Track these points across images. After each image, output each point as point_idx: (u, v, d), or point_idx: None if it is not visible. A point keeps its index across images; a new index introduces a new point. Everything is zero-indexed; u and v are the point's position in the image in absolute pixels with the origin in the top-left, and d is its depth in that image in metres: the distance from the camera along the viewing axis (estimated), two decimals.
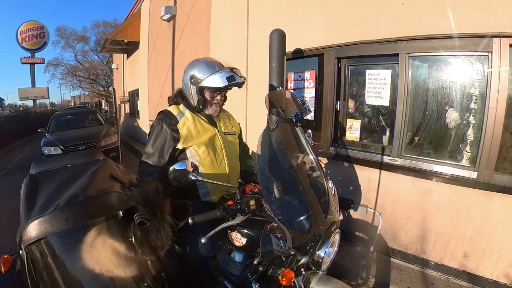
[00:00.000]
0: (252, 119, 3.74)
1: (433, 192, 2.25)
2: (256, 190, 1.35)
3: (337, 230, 1.23)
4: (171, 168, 1.26)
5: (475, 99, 2.08)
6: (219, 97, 1.59)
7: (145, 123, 8.66)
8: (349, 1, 2.61)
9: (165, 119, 1.53)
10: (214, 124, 1.63)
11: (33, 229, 0.94)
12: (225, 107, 1.75)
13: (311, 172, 1.36)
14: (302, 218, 1.15)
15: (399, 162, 2.42)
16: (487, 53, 1.94)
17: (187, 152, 1.54)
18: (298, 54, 3.08)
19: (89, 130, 6.97)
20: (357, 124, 2.76)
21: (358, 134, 2.76)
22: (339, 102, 2.83)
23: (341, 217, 2.64)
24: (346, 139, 2.83)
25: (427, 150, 2.36)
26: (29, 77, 22.51)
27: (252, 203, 1.20)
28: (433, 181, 2.23)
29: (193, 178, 1.25)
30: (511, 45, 1.85)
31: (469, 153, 2.13)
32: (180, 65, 5.94)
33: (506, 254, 1.97)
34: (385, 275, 2.26)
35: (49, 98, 24.97)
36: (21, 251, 1.16)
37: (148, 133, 1.63)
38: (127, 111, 11.68)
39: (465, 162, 2.15)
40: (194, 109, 1.60)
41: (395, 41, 2.32)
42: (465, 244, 2.13)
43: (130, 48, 9.79)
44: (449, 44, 2.06)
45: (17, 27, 21.82)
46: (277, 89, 2.46)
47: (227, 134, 1.68)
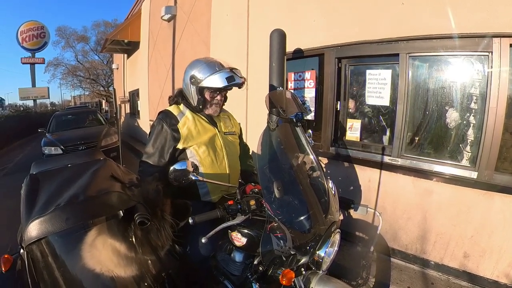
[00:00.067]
0: (252, 119, 3.74)
1: (434, 192, 2.24)
2: (256, 190, 1.35)
3: (337, 230, 1.23)
4: (172, 168, 1.26)
5: (475, 99, 2.08)
6: (219, 97, 1.59)
7: (145, 123, 8.66)
8: (349, 1, 2.61)
9: (166, 119, 1.53)
10: (214, 124, 1.63)
11: (34, 229, 0.94)
12: (225, 107, 1.75)
13: (311, 172, 1.36)
14: (302, 218, 1.15)
15: (400, 162, 2.42)
16: (487, 53, 1.94)
17: (188, 152, 1.54)
18: (298, 54, 3.08)
19: (90, 130, 6.97)
20: (358, 124, 2.76)
21: (358, 134, 2.76)
22: (339, 102, 2.83)
23: (341, 217, 2.64)
24: (346, 139, 2.83)
25: (428, 150, 2.36)
26: (30, 77, 22.58)
27: (252, 203, 1.20)
28: (433, 181, 2.23)
29: (194, 178, 1.25)
30: (511, 45, 1.85)
31: (470, 153, 2.13)
32: (180, 65, 5.94)
33: (506, 254, 1.97)
34: (385, 275, 2.26)
35: (49, 98, 25.06)
36: (22, 250, 1.17)
37: (148, 133, 1.63)
38: (128, 111, 11.68)
39: (465, 162, 2.15)
40: (194, 109, 1.60)
41: (396, 41, 2.32)
42: (465, 244, 2.13)
43: (130, 48, 9.80)
44: (450, 44, 2.06)
45: (17, 27, 21.89)
46: (278, 89, 2.46)
47: (227, 134, 1.68)
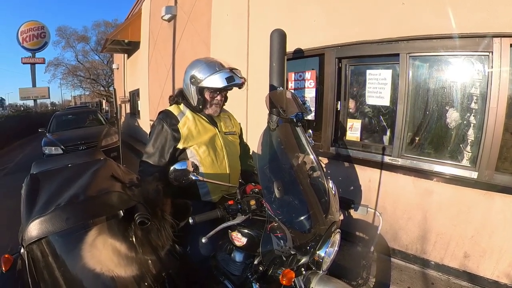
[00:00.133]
0: (252, 119, 3.74)
1: (434, 192, 2.24)
2: (256, 190, 1.35)
3: (338, 230, 1.23)
4: (172, 168, 1.26)
5: (475, 99, 2.07)
6: (219, 97, 1.59)
7: (145, 123, 8.66)
8: (349, 1, 2.61)
9: (166, 119, 1.53)
10: (214, 124, 1.63)
11: (34, 229, 0.94)
12: (226, 107, 1.75)
13: (311, 172, 1.36)
14: (302, 218, 1.15)
15: (400, 162, 2.42)
16: (487, 53, 1.94)
17: (188, 152, 1.54)
18: (298, 54, 3.08)
19: (90, 130, 6.98)
20: (358, 124, 2.76)
21: (358, 134, 2.76)
22: (339, 102, 2.83)
23: (342, 217, 2.64)
24: (346, 139, 2.83)
25: (428, 150, 2.36)
26: (30, 77, 22.57)
27: (252, 203, 1.20)
28: (433, 181, 2.23)
29: (194, 178, 1.25)
30: (511, 45, 1.85)
31: (470, 153, 2.13)
32: (180, 65, 5.94)
33: (506, 254, 1.96)
34: (386, 275, 2.26)
35: (49, 98, 25.07)
36: (22, 250, 1.17)
37: (148, 133, 1.63)
38: (128, 111, 11.69)
39: (465, 162, 2.15)
40: (194, 109, 1.60)
41: (396, 41, 2.32)
42: (466, 244, 2.13)
43: (130, 48, 9.81)
44: (450, 44, 2.06)
45: (17, 27, 21.87)
46: (278, 89, 2.46)
47: (227, 134, 1.67)
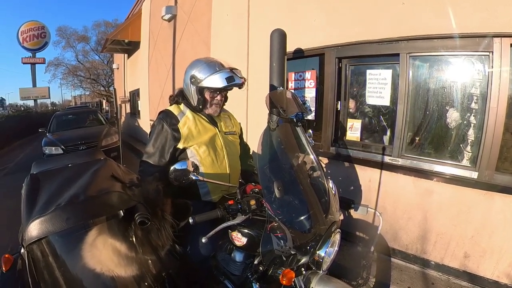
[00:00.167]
0: (252, 119, 3.74)
1: (434, 192, 2.24)
2: (256, 189, 1.35)
3: (338, 230, 1.23)
4: (172, 167, 1.26)
5: (476, 99, 2.07)
6: (219, 97, 1.59)
7: (145, 123, 8.67)
8: (349, 1, 2.61)
9: (166, 119, 1.53)
10: (214, 123, 1.63)
11: (34, 229, 0.94)
12: (226, 107, 1.75)
13: (311, 172, 1.36)
14: (302, 218, 1.15)
15: (400, 162, 2.42)
16: (488, 53, 1.94)
17: (188, 151, 1.54)
18: (298, 54, 3.08)
19: (90, 130, 6.98)
20: (358, 124, 2.76)
21: (358, 134, 2.76)
22: (339, 102, 2.83)
23: (342, 217, 2.64)
24: (346, 139, 2.83)
25: (428, 150, 2.36)
26: (30, 77, 22.56)
27: (252, 202, 1.20)
28: (433, 181, 2.23)
29: (194, 177, 1.25)
30: None
31: (470, 153, 2.12)
32: (180, 65, 5.94)
33: (506, 254, 1.96)
34: (386, 275, 2.26)
35: (50, 98, 25.06)
36: (22, 250, 1.17)
37: (149, 133, 1.63)
38: (128, 111, 11.69)
39: (465, 162, 2.15)
40: (194, 109, 1.60)
41: (396, 41, 2.32)
42: (466, 244, 2.12)
43: (130, 48, 9.81)
44: (450, 44, 2.06)
45: (17, 27, 21.86)
46: (278, 89, 2.46)
47: (227, 133, 1.67)
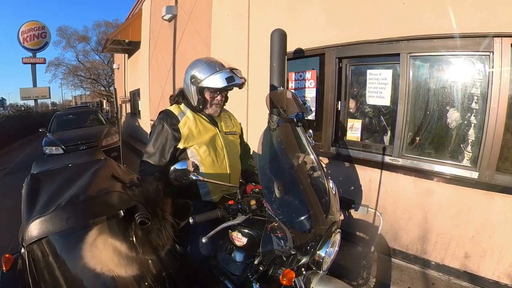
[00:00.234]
0: (253, 119, 3.74)
1: (434, 192, 2.24)
2: (257, 190, 1.35)
3: (338, 230, 1.23)
4: (172, 167, 1.26)
5: (476, 99, 2.07)
6: (219, 97, 1.59)
7: (146, 123, 8.67)
8: (350, 1, 2.61)
9: (166, 119, 1.53)
10: (215, 123, 1.63)
11: (35, 229, 0.94)
12: (226, 107, 1.75)
13: (312, 172, 1.36)
14: (303, 218, 1.14)
15: (400, 162, 2.41)
16: (488, 53, 1.94)
17: (188, 151, 1.54)
18: (299, 54, 3.08)
19: (90, 130, 6.98)
20: (358, 124, 2.76)
21: (359, 134, 2.76)
22: (340, 102, 2.83)
23: (342, 217, 2.63)
24: (347, 139, 2.83)
25: (428, 150, 2.36)
26: (31, 77, 22.57)
27: (253, 202, 1.20)
28: (434, 181, 2.23)
29: (194, 177, 1.25)
30: None
31: (470, 153, 2.12)
32: (181, 65, 5.94)
33: (507, 254, 1.96)
34: (386, 275, 2.26)
35: (50, 98, 25.09)
36: (23, 250, 1.17)
37: (149, 133, 1.63)
38: (128, 111, 11.70)
39: (466, 162, 2.15)
40: (195, 109, 1.60)
41: (396, 41, 2.32)
42: (466, 244, 2.12)
43: (131, 48, 9.81)
44: (450, 44, 2.06)
45: (18, 27, 21.88)
46: (278, 89, 2.46)
47: (228, 133, 1.67)
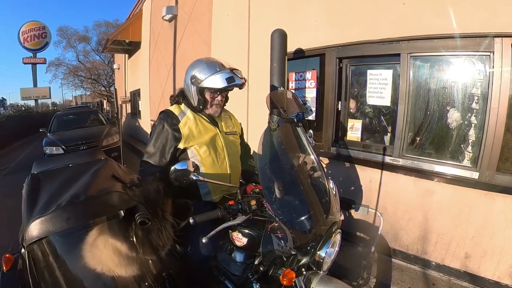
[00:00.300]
0: (253, 119, 3.74)
1: (435, 192, 2.24)
2: (257, 190, 1.35)
3: (338, 230, 1.23)
4: (172, 168, 1.26)
5: (476, 99, 2.07)
6: (219, 97, 1.59)
7: (146, 123, 8.67)
8: (350, 1, 2.61)
9: (167, 119, 1.53)
10: (215, 124, 1.63)
11: (35, 229, 0.94)
12: (227, 107, 1.75)
13: (312, 172, 1.36)
14: (303, 218, 1.14)
15: (401, 162, 2.41)
16: (489, 53, 1.94)
17: (188, 152, 1.54)
18: (299, 54, 3.08)
19: (91, 130, 6.98)
20: (358, 124, 2.76)
21: (359, 134, 2.75)
22: (340, 102, 2.82)
23: (342, 218, 2.63)
24: (347, 139, 2.83)
25: (429, 150, 2.36)
26: (31, 77, 22.57)
27: (253, 203, 1.20)
28: (434, 181, 2.23)
29: (194, 178, 1.25)
30: None
31: (471, 154, 2.12)
32: (181, 65, 5.94)
33: (507, 254, 1.96)
34: (386, 276, 2.26)
35: (50, 98, 25.14)
36: (23, 250, 1.17)
37: (149, 133, 1.63)
38: (129, 111, 11.70)
39: (466, 162, 2.14)
40: (195, 109, 1.60)
41: (397, 41, 2.32)
42: (467, 244, 2.12)
43: (131, 48, 9.81)
44: (451, 44, 2.06)
45: (18, 27, 21.88)
46: (279, 89, 2.46)
47: (228, 134, 1.67)
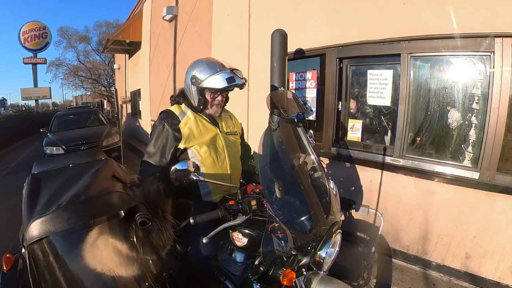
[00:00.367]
0: (253, 119, 3.74)
1: (435, 192, 2.24)
2: (257, 190, 1.35)
3: (339, 230, 1.23)
4: (173, 168, 1.26)
5: (477, 99, 2.07)
6: (220, 97, 1.59)
7: (146, 123, 8.67)
8: (350, 1, 2.61)
9: (167, 119, 1.53)
10: (216, 124, 1.63)
11: (35, 229, 0.94)
12: (227, 107, 1.75)
13: (312, 172, 1.36)
14: (303, 218, 1.14)
15: (401, 162, 2.41)
16: (489, 53, 1.93)
17: (189, 152, 1.54)
18: (299, 54, 3.08)
19: (91, 130, 6.98)
20: (359, 124, 2.75)
21: (359, 134, 2.75)
22: (340, 102, 2.82)
23: (343, 218, 2.62)
24: (347, 140, 2.83)
25: (429, 150, 2.35)
26: (32, 77, 22.63)
27: (253, 203, 1.20)
28: (435, 181, 2.23)
29: (195, 178, 1.25)
30: None
31: (471, 154, 2.12)
32: (181, 65, 5.95)
33: (508, 255, 1.96)
34: (387, 276, 2.26)
35: (51, 98, 25.23)
36: (23, 250, 1.17)
37: (150, 133, 1.63)
38: (129, 111, 11.71)
39: (467, 162, 2.14)
40: (195, 109, 1.60)
41: (397, 41, 2.32)
42: (467, 245, 2.12)
43: (132, 48, 9.82)
44: (451, 44, 2.05)
45: (18, 27, 21.97)
46: (279, 89, 2.46)
47: (228, 134, 1.67)
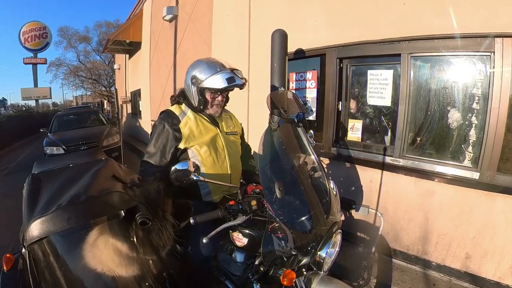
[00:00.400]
0: (253, 119, 3.74)
1: (435, 192, 2.24)
2: (257, 190, 1.35)
3: (339, 230, 1.23)
4: (173, 168, 1.26)
5: (477, 99, 2.07)
6: (220, 98, 1.59)
7: (147, 123, 8.67)
8: (350, 1, 2.61)
9: (167, 119, 1.53)
10: (216, 124, 1.63)
11: (35, 228, 0.94)
12: (227, 107, 1.75)
13: (312, 172, 1.36)
14: (303, 218, 1.14)
15: (401, 162, 2.41)
16: (489, 53, 1.93)
17: (189, 152, 1.54)
18: (299, 54, 3.08)
19: (91, 130, 6.99)
20: (359, 124, 2.75)
21: (359, 134, 2.75)
22: (340, 102, 2.82)
23: (343, 218, 2.63)
24: (347, 140, 2.83)
25: (429, 150, 2.35)
26: (32, 77, 22.62)
27: (253, 203, 1.20)
28: (435, 181, 2.23)
29: (195, 178, 1.25)
30: None
31: (471, 154, 2.12)
32: (182, 65, 5.95)
33: (508, 255, 1.96)
34: (387, 276, 2.26)
35: (51, 98, 25.20)
36: (24, 250, 1.17)
37: (150, 133, 1.63)
38: (129, 111, 11.72)
39: (467, 162, 2.14)
40: (195, 109, 1.60)
41: (397, 41, 2.32)
42: (467, 245, 2.12)
43: (132, 48, 9.83)
44: (451, 44, 2.05)
45: (19, 27, 21.97)
46: (279, 89, 2.46)
47: (229, 134, 1.67)
